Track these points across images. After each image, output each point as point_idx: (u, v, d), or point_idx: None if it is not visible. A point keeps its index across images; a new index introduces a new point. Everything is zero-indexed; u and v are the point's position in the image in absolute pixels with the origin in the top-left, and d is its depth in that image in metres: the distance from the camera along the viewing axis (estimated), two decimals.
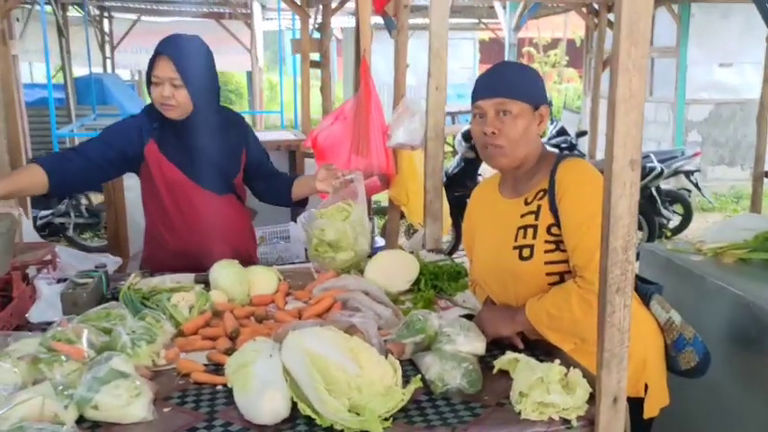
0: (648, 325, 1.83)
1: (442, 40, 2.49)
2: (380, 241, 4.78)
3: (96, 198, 6.66)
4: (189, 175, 2.35)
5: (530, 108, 1.74)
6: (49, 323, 1.84)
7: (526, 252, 1.73)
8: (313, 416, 1.35)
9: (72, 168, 2.21)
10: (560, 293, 1.67)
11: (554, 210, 1.71)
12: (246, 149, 2.49)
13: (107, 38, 12.49)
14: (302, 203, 2.60)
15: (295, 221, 4.24)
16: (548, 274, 1.73)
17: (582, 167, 1.74)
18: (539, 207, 1.75)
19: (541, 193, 1.76)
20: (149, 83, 2.26)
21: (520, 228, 1.76)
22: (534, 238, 1.73)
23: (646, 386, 1.77)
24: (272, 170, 2.61)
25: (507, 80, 1.76)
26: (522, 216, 1.77)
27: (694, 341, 1.84)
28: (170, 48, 2.21)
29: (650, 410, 1.77)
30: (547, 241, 1.72)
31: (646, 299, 1.87)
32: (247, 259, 2.35)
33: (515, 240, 1.76)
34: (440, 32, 2.48)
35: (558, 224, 1.71)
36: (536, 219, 1.74)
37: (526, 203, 1.78)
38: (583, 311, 1.60)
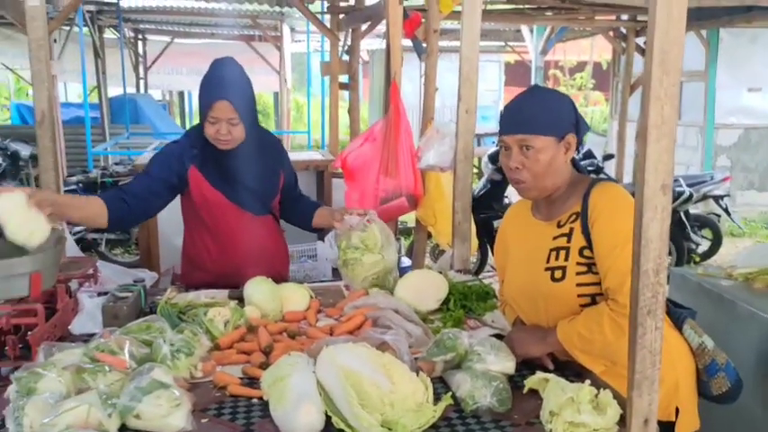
0: (681, 349, 1.83)
1: (472, 64, 2.55)
2: (406, 261, 4.80)
3: None
4: (229, 198, 2.41)
5: (553, 140, 1.76)
6: (90, 335, 1.91)
7: (558, 273, 1.76)
8: (347, 430, 1.39)
9: (126, 205, 2.29)
10: (592, 316, 1.69)
11: (586, 233, 1.74)
12: (283, 171, 2.56)
13: (141, 59, 12.81)
14: (321, 232, 2.66)
15: (322, 240, 4.31)
16: (579, 296, 1.75)
17: (615, 192, 1.76)
18: (571, 230, 1.77)
19: (574, 216, 1.78)
20: (203, 119, 2.29)
21: (552, 249, 1.79)
22: (566, 260, 1.76)
23: (677, 410, 1.77)
24: (299, 193, 2.67)
25: (529, 115, 1.78)
26: (555, 238, 1.80)
27: (726, 367, 1.84)
28: (229, 92, 2.25)
29: None
30: (579, 263, 1.74)
31: (678, 323, 1.87)
32: (280, 279, 2.40)
33: (547, 262, 1.79)
34: (470, 57, 2.54)
35: (590, 247, 1.73)
36: (568, 241, 1.77)
37: (559, 226, 1.81)
38: (614, 334, 1.62)
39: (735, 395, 1.85)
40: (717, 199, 6.67)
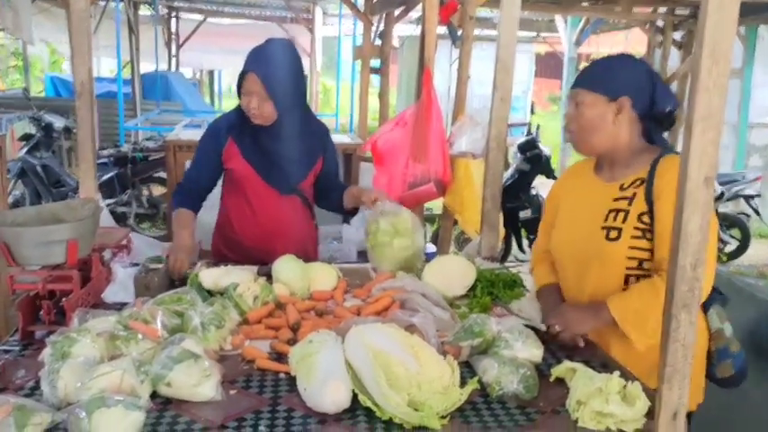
0: (700, 326, 1.85)
1: (509, 51, 2.52)
2: (431, 248, 4.80)
3: (156, 190, 6.90)
4: (257, 171, 2.46)
5: (603, 99, 1.83)
6: (122, 304, 1.95)
7: (614, 234, 1.81)
8: (373, 408, 1.40)
9: (200, 195, 2.52)
10: (648, 290, 1.72)
11: (649, 200, 1.78)
12: (324, 159, 2.59)
13: (173, 36, 12.89)
14: (352, 213, 2.67)
15: (348, 223, 4.32)
16: (629, 258, 1.80)
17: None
18: (634, 194, 1.82)
19: (639, 181, 1.83)
20: (239, 91, 2.38)
21: (611, 210, 1.84)
22: (624, 221, 1.81)
23: None
24: (337, 183, 2.68)
25: (589, 72, 1.92)
26: (616, 200, 1.85)
27: (737, 355, 1.88)
28: (258, 65, 2.31)
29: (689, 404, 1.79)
30: (636, 227, 1.79)
31: (706, 304, 1.89)
32: (307, 260, 2.42)
33: (605, 221, 1.84)
34: (508, 44, 2.51)
35: (650, 214, 1.77)
36: (629, 204, 1.82)
37: (621, 189, 1.85)
38: None
39: (737, 382, 1.91)
40: (747, 199, 6.57)
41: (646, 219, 1.79)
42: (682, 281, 1.27)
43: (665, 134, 1.98)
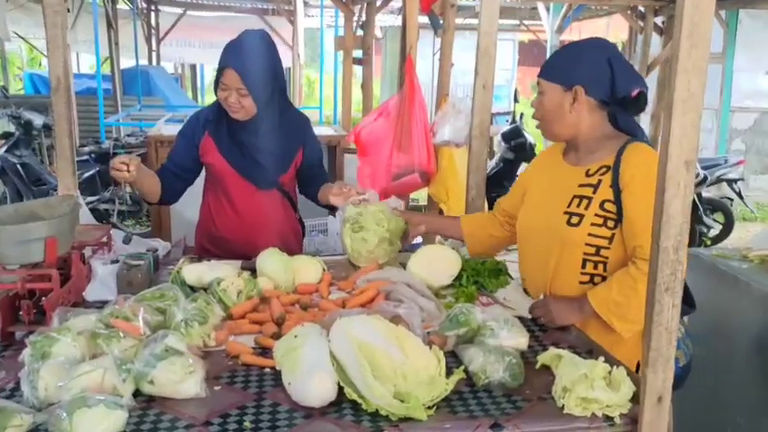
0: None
1: (491, 38, 2.51)
2: (417, 238, 4.79)
3: None
4: (234, 167, 2.43)
5: (560, 88, 1.87)
6: (103, 302, 1.92)
7: (575, 219, 1.84)
8: (359, 400, 1.39)
9: (172, 179, 2.44)
10: (626, 281, 1.74)
11: (615, 188, 1.79)
12: (303, 152, 2.54)
13: (153, 31, 12.73)
14: (333, 207, 2.64)
15: (334, 215, 4.30)
16: (587, 244, 1.83)
17: (648, 153, 1.81)
18: (599, 181, 1.84)
19: (605, 168, 1.85)
20: (216, 84, 2.34)
21: (575, 196, 1.87)
22: (587, 208, 1.83)
23: (638, 365, 1.79)
24: (319, 174, 2.62)
25: (550, 61, 2.00)
26: (581, 186, 1.87)
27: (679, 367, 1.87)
28: (236, 60, 2.27)
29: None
30: (597, 215, 1.82)
31: None
32: (289, 253, 2.40)
33: (568, 206, 1.86)
34: (489, 31, 2.50)
35: (615, 202, 1.79)
36: (593, 192, 1.84)
37: (587, 175, 1.87)
38: None
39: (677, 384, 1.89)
40: (730, 183, 6.62)
41: (608, 207, 1.81)
42: (664, 264, 1.27)
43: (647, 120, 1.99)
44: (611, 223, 1.81)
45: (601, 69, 1.84)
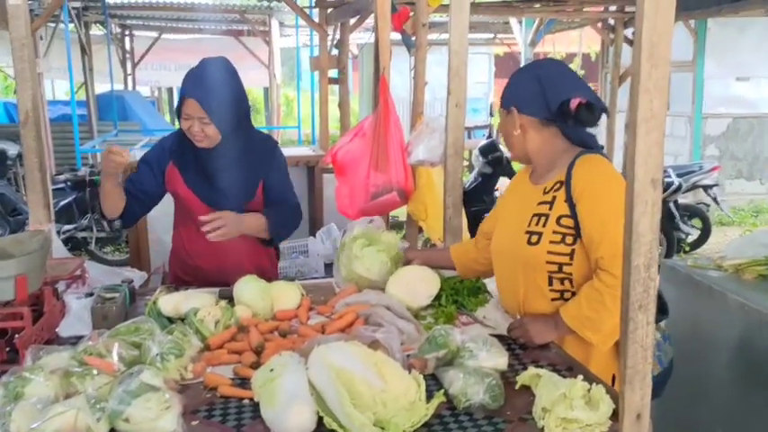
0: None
1: (461, 57, 2.53)
2: None
3: None
4: (200, 196, 2.40)
5: (504, 112, 1.97)
6: (78, 337, 1.89)
7: (534, 238, 1.86)
8: (339, 430, 1.38)
9: (131, 201, 2.40)
10: (593, 296, 1.75)
11: (569, 202, 1.81)
12: (265, 178, 2.48)
13: (128, 55, 12.70)
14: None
15: (314, 236, 4.29)
16: (548, 263, 1.85)
17: (598, 163, 1.83)
18: (554, 198, 1.86)
19: (558, 184, 1.86)
20: (179, 115, 2.32)
21: (534, 215, 1.89)
22: (544, 226, 1.85)
23: (614, 378, 1.82)
24: (285, 199, 2.51)
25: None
26: (539, 204, 1.89)
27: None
28: (196, 90, 2.26)
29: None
30: (555, 231, 1.84)
31: None
32: (264, 278, 2.36)
33: (528, 225, 1.89)
34: (459, 51, 2.52)
35: (571, 216, 1.81)
36: (550, 209, 1.86)
37: (544, 192, 1.90)
38: (617, 308, 1.61)
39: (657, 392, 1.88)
40: (706, 189, 6.70)
41: (565, 222, 1.83)
42: (636, 282, 1.28)
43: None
44: (569, 239, 1.82)
45: (529, 87, 1.89)
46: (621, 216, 1.31)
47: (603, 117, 1.91)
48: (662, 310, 1.96)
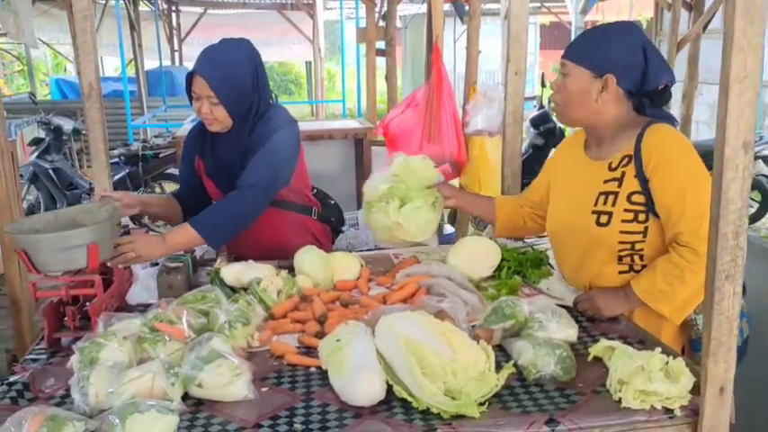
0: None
1: (521, 22, 2.46)
2: (449, 229, 4.76)
3: (169, 186, 6.90)
4: (219, 186, 2.33)
5: (589, 74, 1.77)
6: (146, 305, 1.94)
7: (604, 218, 1.77)
8: (409, 399, 1.37)
9: (188, 196, 2.43)
10: (671, 270, 1.68)
11: (641, 177, 1.72)
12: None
13: (175, 31, 12.83)
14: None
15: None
16: (620, 242, 1.77)
17: (669, 134, 1.73)
18: (623, 174, 1.76)
19: (626, 159, 1.77)
20: (189, 96, 2.23)
21: (601, 193, 1.79)
22: (614, 205, 1.76)
23: (683, 350, 1.80)
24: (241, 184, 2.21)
25: (578, 42, 1.86)
26: (606, 182, 1.79)
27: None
28: (204, 67, 2.15)
29: None
30: (626, 210, 1.75)
31: None
32: None
33: (595, 205, 1.79)
34: (520, 15, 2.45)
35: (643, 192, 1.72)
36: (619, 186, 1.76)
37: (610, 169, 1.80)
38: (696, 282, 1.57)
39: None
40: (766, 159, 6.45)
41: (637, 198, 1.73)
42: (724, 251, 1.22)
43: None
44: (641, 216, 1.73)
45: (635, 58, 1.74)
46: (701, 188, 1.27)
47: None
48: None
